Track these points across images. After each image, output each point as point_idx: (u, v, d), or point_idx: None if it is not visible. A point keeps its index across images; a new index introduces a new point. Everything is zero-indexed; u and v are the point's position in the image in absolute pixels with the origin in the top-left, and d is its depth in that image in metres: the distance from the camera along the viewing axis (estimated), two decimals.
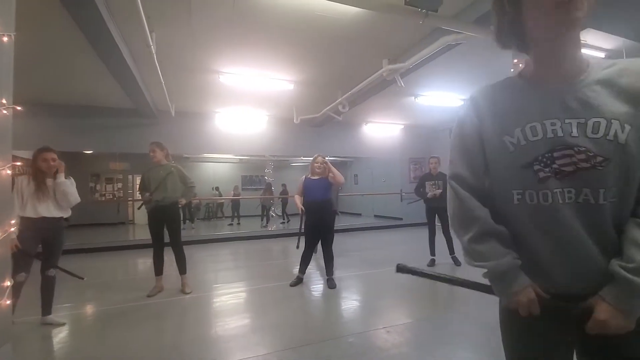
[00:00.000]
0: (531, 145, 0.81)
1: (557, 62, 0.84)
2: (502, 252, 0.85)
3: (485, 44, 4.30)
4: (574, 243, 0.78)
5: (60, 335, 2.73)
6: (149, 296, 3.69)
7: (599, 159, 0.74)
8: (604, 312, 0.74)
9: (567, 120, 0.79)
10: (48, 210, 2.86)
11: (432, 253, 4.92)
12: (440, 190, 4.75)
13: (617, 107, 0.75)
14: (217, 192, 12.60)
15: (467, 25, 3.57)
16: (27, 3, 3.26)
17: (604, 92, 0.77)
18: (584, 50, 0.83)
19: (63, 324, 2.91)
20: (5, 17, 1.81)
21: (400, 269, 1.18)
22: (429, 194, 4.85)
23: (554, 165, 0.79)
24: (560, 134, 0.79)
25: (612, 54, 4.79)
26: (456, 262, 4.77)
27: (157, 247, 3.87)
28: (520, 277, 0.84)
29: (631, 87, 0.76)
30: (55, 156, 2.98)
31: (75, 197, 3.06)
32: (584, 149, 0.76)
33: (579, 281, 0.80)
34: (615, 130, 0.74)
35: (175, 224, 3.86)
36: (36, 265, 2.84)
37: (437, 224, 4.89)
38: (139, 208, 10.40)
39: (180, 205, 3.93)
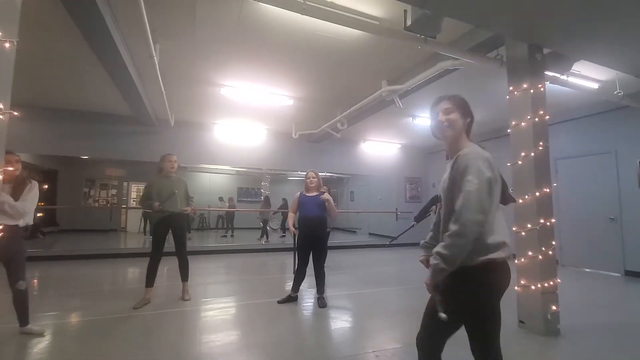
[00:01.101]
0: None
1: (449, 150, 1.57)
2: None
3: (482, 70, 4.41)
4: None
5: (39, 346, 2.64)
6: (135, 308, 3.60)
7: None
8: None
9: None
10: (5, 217, 2.63)
11: None
12: None
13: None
14: (223, 203, 12.41)
15: (464, 52, 3.66)
16: (34, 10, 3.32)
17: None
18: (579, 81, 2.11)
19: (43, 334, 2.82)
20: (8, 24, 1.83)
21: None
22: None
23: None
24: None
25: (605, 85, 4.90)
26: None
27: (156, 257, 3.84)
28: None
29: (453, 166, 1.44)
30: (16, 158, 2.72)
31: (17, 208, 2.69)
32: None
33: None
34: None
35: (182, 232, 3.98)
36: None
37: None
38: (144, 218, 10.17)
39: (189, 213, 4.08)
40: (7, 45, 1.83)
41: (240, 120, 7.65)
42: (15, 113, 1.89)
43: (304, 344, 2.85)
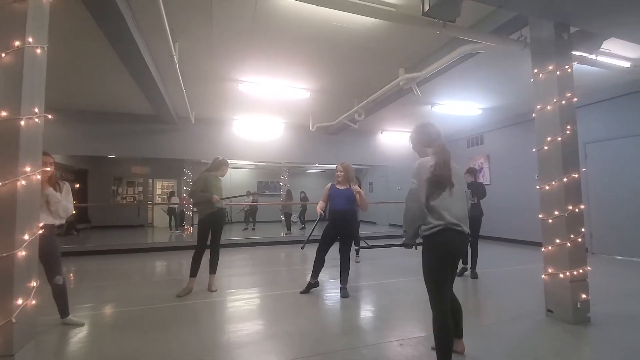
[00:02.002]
0: None
1: None
2: None
3: (504, 53, 4.26)
4: None
5: (79, 335, 2.81)
6: (178, 296, 3.82)
7: None
8: None
9: None
10: (44, 217, 2.76)
11: (464, 261, 4.81)
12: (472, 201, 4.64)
13: None
14: (252, 197, 12.57)
15: (485, 35, 3.54)
16: (60, 16, 3.45)
17: None
18: (609, 60, 2.35)
19: (82, 325, 3.00)
20: (39, 30, 1.93)
21: None
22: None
23: None
24: None
25: (637, 63, 4.63)
26: (474, 276, 4.65)
27: (201, 250, 4.07)
28: None
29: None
30: (52, 160, 2.91)
31: (65, 208, 2.94)
32: None
33: None
34: None
35: (221, 228, 4.27)
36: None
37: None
38: (170, 214, 10.43)
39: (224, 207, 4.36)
40: (38, 51, 1.92)
41: (258, 115, 7.73)
42: (50, 116, 2.00)
43: (327, 333, 2.91)
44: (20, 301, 1.72)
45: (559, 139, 3.06)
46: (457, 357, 2.34)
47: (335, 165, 4.05)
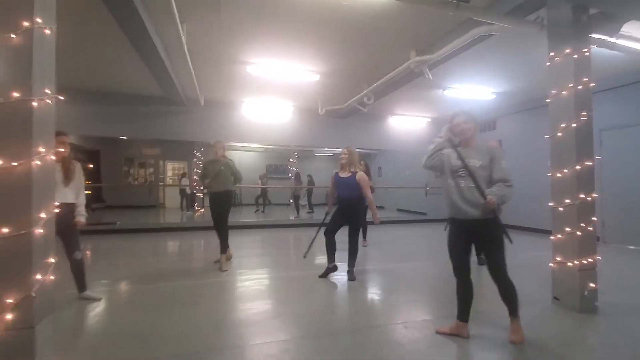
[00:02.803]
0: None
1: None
2: None
3: (520, 36, 4.11)
4: None
5: (96, 310, 2.94)
6: (223, 270, 4.10)
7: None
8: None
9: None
10: (60, 195, 2.84)
11: None
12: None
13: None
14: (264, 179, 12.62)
15: (501, 16, 3.41)
16: None
17: None
18: (629, 44, 2.65)
19: (99, 299, 3.13)
20: (46, 11, 1.92)
21: None
22: None
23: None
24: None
25: None
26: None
27: (214, 226, 4.47)
28: None
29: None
30: (67, 139, 2.99)
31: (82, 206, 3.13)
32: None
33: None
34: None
35: (223, 209, 4.45)
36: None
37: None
38: (182, 195, 10.88)
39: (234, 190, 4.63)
40: (47, 31, 1.93)
41: (267, 97, 7.68)
42: (61, 97, 2.02)
43: (334, 314, 2.98)
44: (39, 276, 1.79)
45: (574, 125, 2.99)
46: (462, 341, 2.38)
47: (342, 149, 4.05)
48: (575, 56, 2.99)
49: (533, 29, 3.45)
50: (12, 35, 1.77)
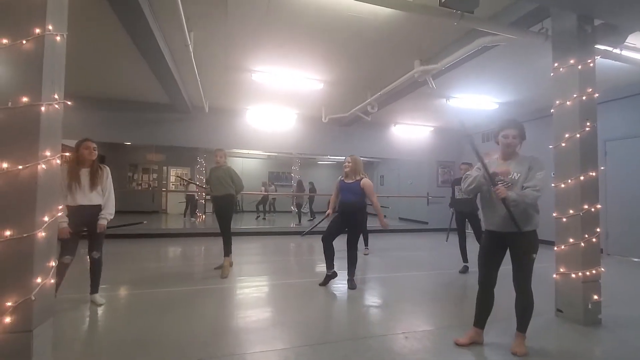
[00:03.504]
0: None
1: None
2: None
3: (524, 46, 4.14)
4: None
5: (96, 315, 2.93)
6: (223, 277, 4.11)
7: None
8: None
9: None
10: (86, 198, 3.01)
11: (465, 260, 4.78)
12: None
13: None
14: (273, 187, 12.61)
15: (505, 26, 3.44)
16: (80, 5, 3.50)
17: None
18: (634, 55, 2.78)
19: (102, 304, 3.13)
20: (58, 18, 1.97)
21: None
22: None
23: None
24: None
25: None
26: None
27: (221, 233, 4.54)
28: None
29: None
30: (95, 145, 3.14)
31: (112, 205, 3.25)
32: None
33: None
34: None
35: (225, 214, 4.52)
36: (83, 250, 3.09)
37: (468, 230, 4.75)
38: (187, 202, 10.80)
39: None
40: (58, 38, 1.96)
41: (271, 105, 7.73)
42: (69, 103, 2.05)
43: (334, 323, 2.95)
44: (39, 279, 1.79)
45: (578, 135, 2.98)
46: (463, 352, 2.35)
47: (345, 158, 4.07)
48: (580, 67, 3.00)
49: (537, 39, 3.48)
50: (24, 42, 1.80)
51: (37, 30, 1.82)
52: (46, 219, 1.86)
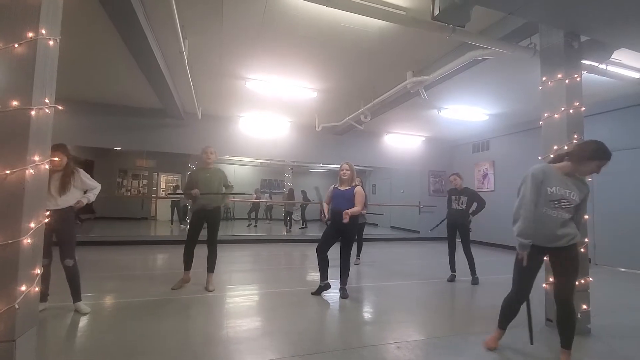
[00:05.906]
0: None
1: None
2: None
3: (513, 60, 4.24)
4: None
5: (80, 324, 2.85)
6: (173, 289, 3.83)
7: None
8: None
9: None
10: (53, 203, 2.91)
11: (453, 269, 4.83)
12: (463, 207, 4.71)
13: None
14: (264, 194, 12.61)
15: (495, 41, 3.53)
16: (74, 10, 3.48)
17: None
18: (619, 70, 2.68)
19: (87, 313, 3.05)
20: (52, 22, 1.95)
21: None
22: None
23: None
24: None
25: None
26: (475, 282, 4.65)
27: (190, 244, 3.96)
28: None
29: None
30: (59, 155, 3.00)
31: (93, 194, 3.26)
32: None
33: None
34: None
35: (215, 223, 4.02)
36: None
37: (457, 239, 4.79)
38: (188, 206, 10.44)
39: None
40: (51, 43, 1.95)
41: (265, 112, 7.75)
42: (60, 107, 2.02)
43: (326, 332, 2.92)
44: (24, 287, 1.74)
45: (565, 147, 3.04)
46: (472, 355, 2.34)
47: (340, 165, 4.04)
48: (567, 81, 3.09)
49: (526, 54, 3.57)
50: (16, 45, 1.78)
51: (30, 34, 1.80)
52: (32, 225, 1.81)
